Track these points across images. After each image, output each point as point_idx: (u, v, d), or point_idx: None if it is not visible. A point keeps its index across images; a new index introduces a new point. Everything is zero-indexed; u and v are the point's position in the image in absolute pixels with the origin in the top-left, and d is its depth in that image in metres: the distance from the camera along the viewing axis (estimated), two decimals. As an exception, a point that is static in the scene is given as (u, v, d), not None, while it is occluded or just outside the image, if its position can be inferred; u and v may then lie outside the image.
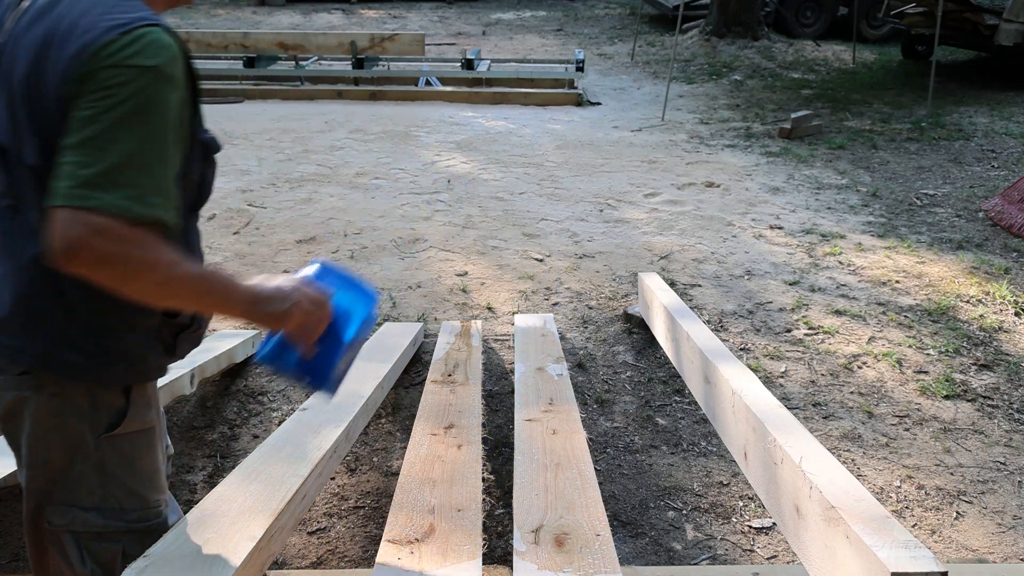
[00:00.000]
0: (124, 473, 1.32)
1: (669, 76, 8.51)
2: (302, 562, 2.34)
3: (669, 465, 2.78)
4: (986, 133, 7.30)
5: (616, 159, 6.46)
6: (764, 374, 3.26)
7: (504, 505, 2.51)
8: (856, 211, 5.28)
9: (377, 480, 2.69)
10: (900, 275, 4.22)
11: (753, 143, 7.04)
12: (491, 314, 3.72)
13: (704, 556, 2.37)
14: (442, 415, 2.35)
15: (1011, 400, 3.13)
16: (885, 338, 3.55)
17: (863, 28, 11.92)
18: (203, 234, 1.52)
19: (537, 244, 4.56)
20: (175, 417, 2.96)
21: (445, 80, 9.09)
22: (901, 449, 2.82)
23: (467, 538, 1.62)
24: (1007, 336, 3.61)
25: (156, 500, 1.37)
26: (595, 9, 15.52)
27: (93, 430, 1.29)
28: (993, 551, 2.37)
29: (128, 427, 1.32)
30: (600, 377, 3.29)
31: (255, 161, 6.10)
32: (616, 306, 3.82)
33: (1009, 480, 2.68)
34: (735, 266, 4.30)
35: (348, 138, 6.91)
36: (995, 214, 5.08)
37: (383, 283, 3.99)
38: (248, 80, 9.10)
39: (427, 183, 5.67)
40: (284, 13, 14.58)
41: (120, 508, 1.32)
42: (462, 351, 3.00)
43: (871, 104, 8.51)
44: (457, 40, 12.22)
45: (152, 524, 1.37)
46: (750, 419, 1.89)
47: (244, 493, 1.72)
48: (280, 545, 1.68)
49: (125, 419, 1.31)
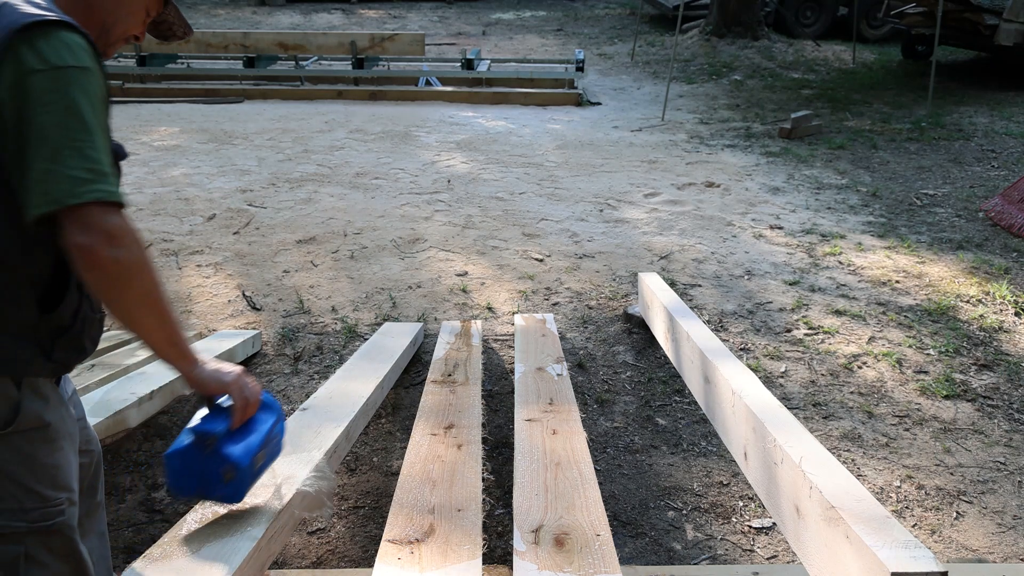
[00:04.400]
0: (22, 472, 1.26)
1: (669, 76, 8.51)
2: (302, 562, 2.34)
3: (669, 465, 2.78)
4: (986, 133, 7.30)
5: (616, 159, 6.46)
6: (764, 374, 3.26)
7: (504, 505, 2.51)
8: (856, 211, 5.28)
9: (377, 480, 2.69)
10: (900, 275, 4.22)
11: (753, 143, 7.04)
12: (491, 314, 3.72)
13: (704, 556, 2.37)
14: (442, 415, 2.35)
15: (1011, 400, 3.13)
16: (885, 338, 3.55)
17: (863, 28, 11.92)
18: (204, 234, 1.54)
19: (537, 244, 4.56)
20: (175, 417, 2.96)
21: (445, 80, 9.09)
22: (901, 449, 2.82)
23: (467, 538, 1.62)
24: (1007, 336, 3.61)
25: (57, 498, 1.30)
26: (595, 9, 15.52)
27: None
28: (993, 551, 2.37)
29: (20, 425, 1.26)
30: (600, 377, 3.29)
31: (255, 161, 6.10)
32: (616, 306, 3.82)
33: (1009, 480, 2.68)
34: (735, 266, 4.30)
35: (348, 138, 6.91)
36: (995, 214, 5.08)
37: (383, 283, 3.99)
38: (248, 80, 9.10)
39: (427, 183, 5.67)
40: (284, 13, 14.58)
41: (20, 508, 1.26)
42: (462, 351, 3.00)
43: (871, 104, 8.51)
44: (457, 40, 12.22)
45: (55, 523, 1.30)
46: (750, 419, 1.89)
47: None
48: (280, 545, 1.68)
49: (17, 417, 1.25)
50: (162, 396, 2.43)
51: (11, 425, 1.25)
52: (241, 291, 3.86)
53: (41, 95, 1.15)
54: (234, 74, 9.14)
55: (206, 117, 7.61)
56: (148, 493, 2.60)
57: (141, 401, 2.29)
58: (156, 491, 2.61)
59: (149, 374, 2.54)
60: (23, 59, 1.15)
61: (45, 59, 1.16)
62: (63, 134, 1.15)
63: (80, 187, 1.14)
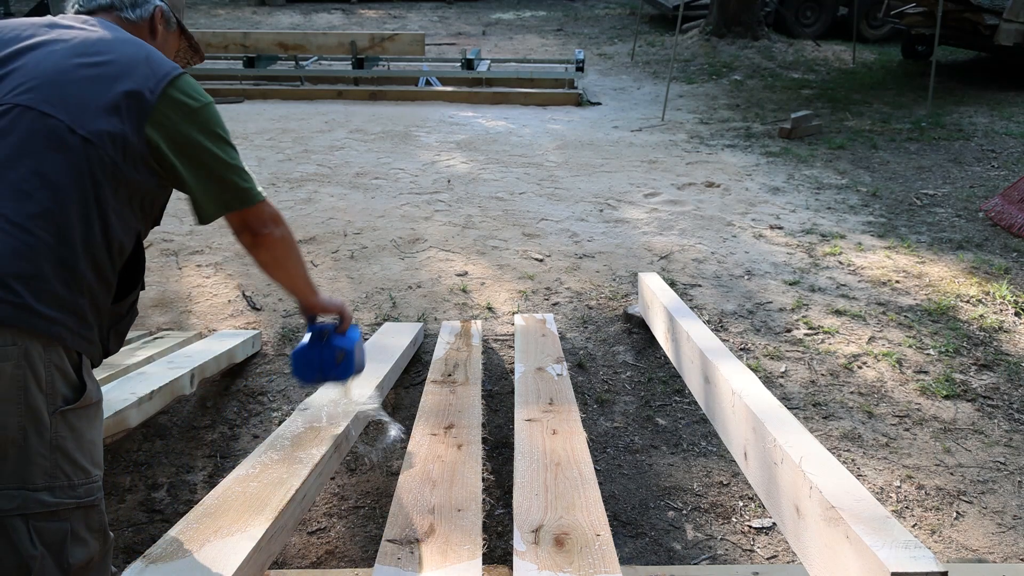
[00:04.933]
0: (73, 448, 1.32)
1: (669, 76, 8.51)
2: (302, 562, 2.34)
3: (669, 465, 2.78)
4: (986, 133, 7.30)
5: (616, 159, 6.46)
6: (764, 374, 3.26)
7: (504, 505, 2.51)
8: (856, 211, 5.28)
9: (377, 480, 2.69)
10: (900, 275, 4.22)
11: (753, 143, 7.04)
12: (491, 314, 3.72)
13: (704, 556, 2.37)
14: (442, 415, 2.35)
15: (1011, 400, 3.13)
16: (885, 338, 3.55)
17: (863, 28, 11.92)
18: (204, 234, 1.63)
19: (537, 244, 4.56)
20: (175, 417, 2.96)
21: (445, 80, 9.09)
22: (901, 449, 2.82)
23: (467, 538, 1.62)
24: (1007, 336, 3.61)
25: (97, 475, 1.37)
26: (595, 9, 15.52)
27: (50, 404, 1.28)
28: (993, 551, 2.37)
29: (83, 402, 1.33)
30: (600, 377, 3.29)
31: (255, 161, 6.10)
32: (616, 306, 3.82)
33: (1009, 480, 2.68)
34: (735, 266, 4.30)
35: (348, 138, 6.91)
36: (995, 214, 5.08)
37: (383, 283, 3.99)
38: (248, 80, 9.10)
39: (427, 183, 5.67)
40: (284, 13, 14.58)
41: (69, 484, 1.31)
42: (462, 351, 3.00)
43: (871, 104, 8.51)
44: (457, 40, 12.22)
45: (96, 499, 1.36)
46: (750, 419, 1.89)
47: (244, 493, 1.72)
48: (280, 545, 1.68)
49: (83, 395, 1.33)
50: (162, 396, 2.42)
51: (75, 402, 1.32)
52: (241, 291, 3.86)
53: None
54: (234, 74, 9.14)
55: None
56: (148, 493, 2.60)
57: (141, 401, 2.29)
58: (156, 491, 2.61)
59: (149, 374, 2.54)
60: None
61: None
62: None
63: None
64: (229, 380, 3.17)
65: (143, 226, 1.48)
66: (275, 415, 2.99)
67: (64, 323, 1.31)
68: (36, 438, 1.27)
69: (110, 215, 1.37)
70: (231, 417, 2.99)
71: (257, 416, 2.99)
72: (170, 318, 3.61)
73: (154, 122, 1.40)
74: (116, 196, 1.38)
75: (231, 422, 2.96)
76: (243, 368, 3.24)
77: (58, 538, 1.29)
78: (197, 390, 2.83)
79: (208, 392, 3.10)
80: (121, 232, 1.40)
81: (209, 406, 3.04)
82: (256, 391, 3.12)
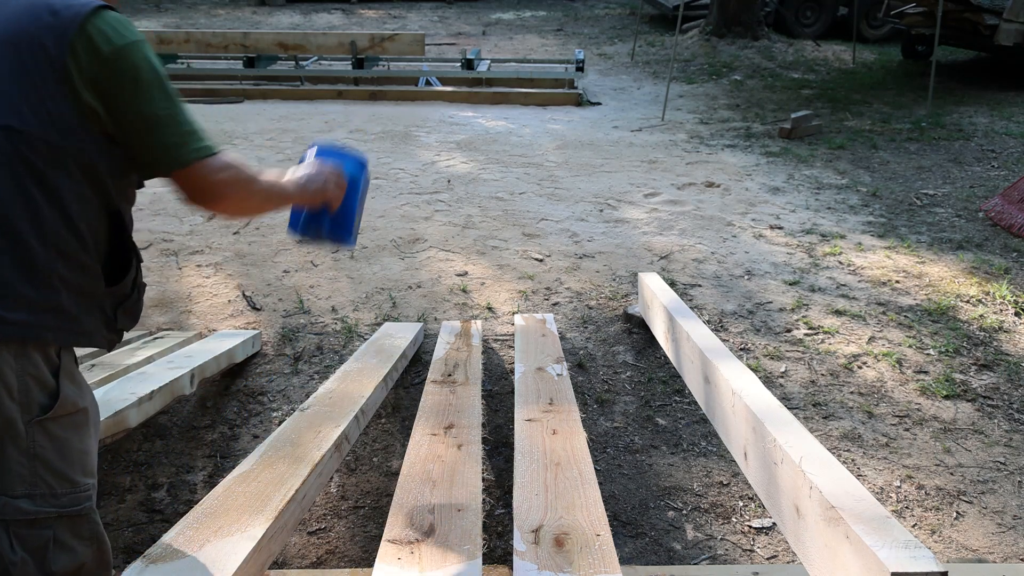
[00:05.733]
0: (55, 458, 1.29)
1: (669, 76, 8.51)
2: (302, 562, 2.34)
3: (669, 465, 2.78)
4: (986, 133, 7.30)
5: (616, 159, 6.46)
6: (764, 374, 3.26)
7: (504, 505, 2.51)
8: (856, 211, 5.28)
9: (377, 480, 2.69)
10: (900, 275, 4.22)
11: (753, 143, 7.04)
12: (491, 314, 3.72)
13: (704, 556, 2.37)
14: (442, 415, 2.35)
15: (1011, 400, 3.13)
16: (885, 338, 3.55)
17: (863, 28, 11.92)
18: (204, 234, 1.60)
19: (537, 244, 4.56)
20: (175, 417, 2.96)
21: (445, 80, 9.09)
22: (901, 449, 2.82)
23: (467, 538, 1.62)
24: (1007, 336, 3.61)
25: (86, 484, 1.34)
26: (595, 9, 15.52)
27: (25, 414, 1.26)
28: (993, 551, 2.37)
29: (58, 411, 1.29)
30: (600, 377, 3.29)
31: (255, 161, 6.10)
32: (616, 306, 3.82)
33: (1009, 480, 2.68)
34: (735, 266, 4.30)
35: (348, 138, 6.91)
36: (995, 214, 5.08)
37: (383, 283, 3.99)
38: (248, 80, 9.10)
39: (427, 183, 5.67)
40: (284, 13, 14.58)
41: (51, 493, 1.28)
42: (462, 351, 3.00)
43: (871, 104, 8.51)
44: (457, 40, 12.22)
45: (83, 508, 1.33)
46: (750, 419, 1.89)
47: (244, 493, 1.72)
48: (280, 545, 1.68)
49: (56, 403, 1.29)
50: (162, 396, 2.42)
51: (50, 411, 1.28)
52: (241, 291, 3.86)
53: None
54: (234, 74, 9.14)
55: (206, 117, 7.60)
56: (148, 493, 2.60)
57: (141, 401, 2.29)
58: (156, 491, 2.61)
59: (149, 374, 2.54)
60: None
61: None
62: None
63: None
64: (229, 380, 3.17)
65: (117, 194, 1.36)
66: (275, 415, 2.99)
67: (40, 324, 1.26)
68: (12, 447, 1.25)
69: (65, 198, 1.27)
70: (231, 417, 2.99)
71: (257, 416, 2.99)
72: (170, 318, 3.61)
73: (68, 80, 1.25)
74: (68, 176, 1.27)
75: (231, 422, 2.96)
76: (243, 368, 3.24)
77: (39, 544, 1.28)
78: (197, 390, 2.83)
79: (208, 392, 3.10)
80: (85, 213, 1.30)
81: (209, 406, 3.04)
82: (256, 391, 3.12)
